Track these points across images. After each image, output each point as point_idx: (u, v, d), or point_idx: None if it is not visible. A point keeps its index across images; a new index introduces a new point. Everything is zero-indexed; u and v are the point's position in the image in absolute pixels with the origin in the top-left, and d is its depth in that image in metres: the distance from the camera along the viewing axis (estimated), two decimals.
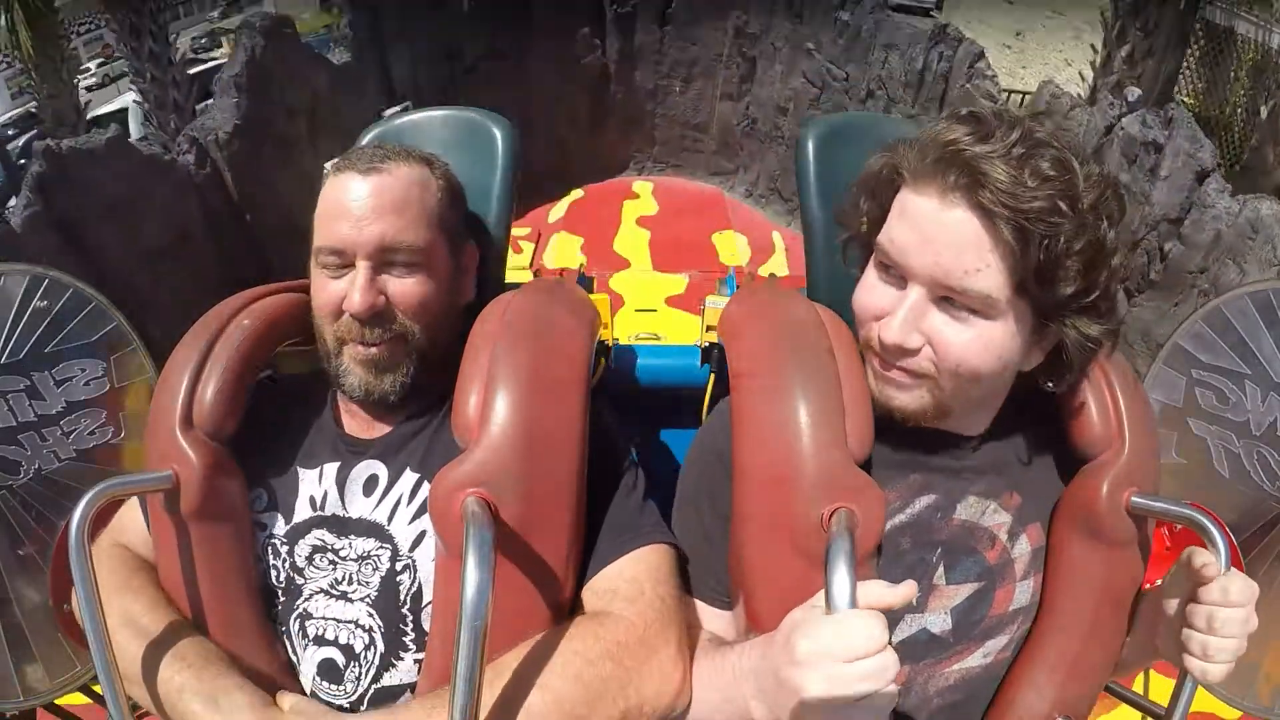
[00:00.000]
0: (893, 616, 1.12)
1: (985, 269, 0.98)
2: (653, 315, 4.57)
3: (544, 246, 5.92)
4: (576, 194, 6.87)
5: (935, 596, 1.18)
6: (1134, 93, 4.55)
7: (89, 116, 11.66)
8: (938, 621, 1.18)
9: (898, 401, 1.11)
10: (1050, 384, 1.13)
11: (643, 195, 6.82)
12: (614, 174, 7.75)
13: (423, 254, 1.24)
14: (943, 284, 1.00)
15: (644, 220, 6.37)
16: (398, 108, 5.15)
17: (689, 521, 1.26)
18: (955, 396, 1.09)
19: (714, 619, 1.22)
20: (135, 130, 11.55)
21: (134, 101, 11.55)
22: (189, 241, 4.78)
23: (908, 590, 0.94)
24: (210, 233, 4.95)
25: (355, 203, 1.20)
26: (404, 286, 1.23)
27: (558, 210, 6.59)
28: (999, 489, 1.20)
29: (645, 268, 5.58)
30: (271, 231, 5.29)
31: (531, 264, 5.61)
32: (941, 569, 1.18)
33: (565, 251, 5.83)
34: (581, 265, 2.97)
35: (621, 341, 4.27)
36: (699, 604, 1.23)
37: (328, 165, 1.29)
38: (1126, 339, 4.45)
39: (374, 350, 1.23)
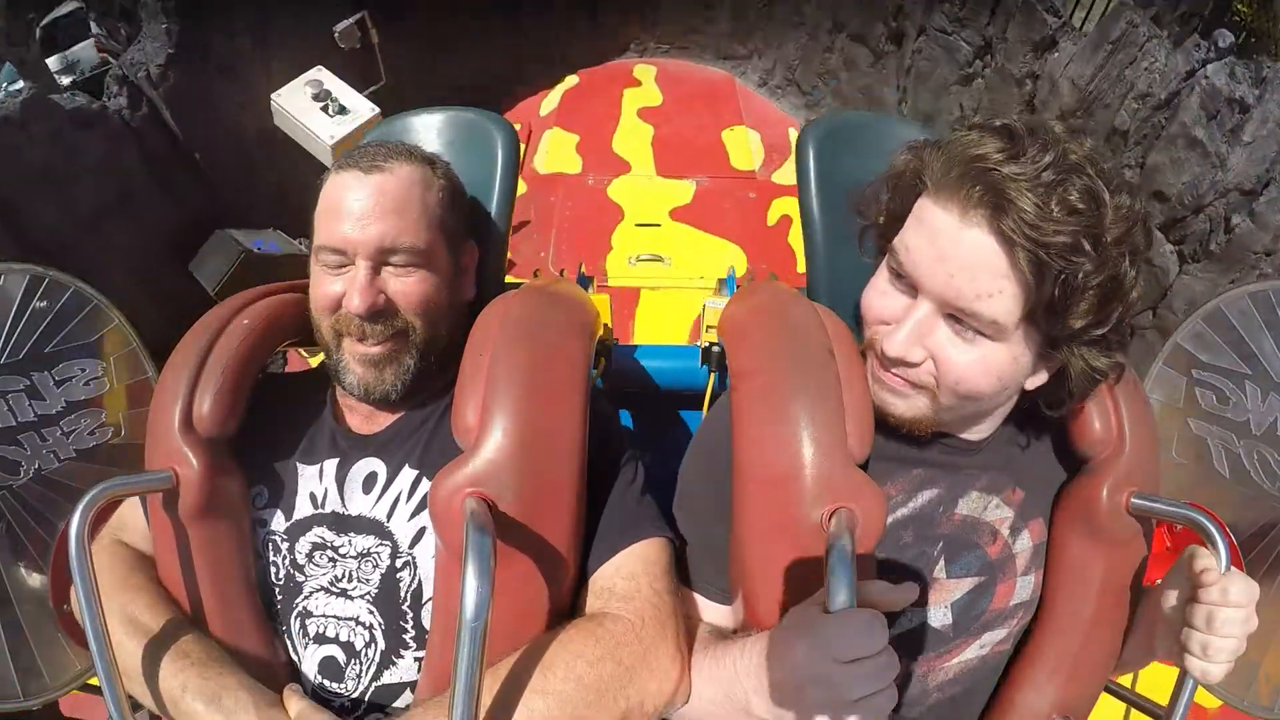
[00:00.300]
0: (893, 612, 1.14)
1: (998, 295, 0.97)
2: (656, 231, 4.38)
3: (535, 145, 5.55)
4: (571, 80, 6.45)
5: (936, 590, 1.19)
6: (1225, 37, 3.98)
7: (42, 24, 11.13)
8: (938, 615, 1.19)
9: (894, 409, 1.11)
10: (1049, 408, 1.14)
11: (645, 82, 6.43)
12: (613, 56, 7.00)
13: (423, 254, 1.25)
14: (953, 304, 1.00)
15: (646, 113, 5.99)
16: (351, 19, 4.80)
17: (689, 517, 1.26)
18: (952, 410, 1.09)
19: (713, 613, 1.22)
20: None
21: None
22: (132, 195, 4.37)
23: (908, 592, 0.95)
24: (156, 182, 4.50)
25: (356, 202, 1.21)
26: (404, 285, 1.24)
27: (550, 101, 6.16)
28: (1002, 485, 1.21)
29: (648, 172, 5.28)
30: (225, 169, 4.89)
31: (521, 166, 5.22)
32: (942, 563, 1.19)
33: (559, 151, 5.48)
34: (581, 264, 2.93)
35: (622, 265, 4.17)
36: (698, 598, 1.23)
37: (329, 157, 1.29)
38: (1171, 307, 4.14)
39: (375, 348, 1.24)
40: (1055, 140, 0.96)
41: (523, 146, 4.75)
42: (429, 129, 1.57)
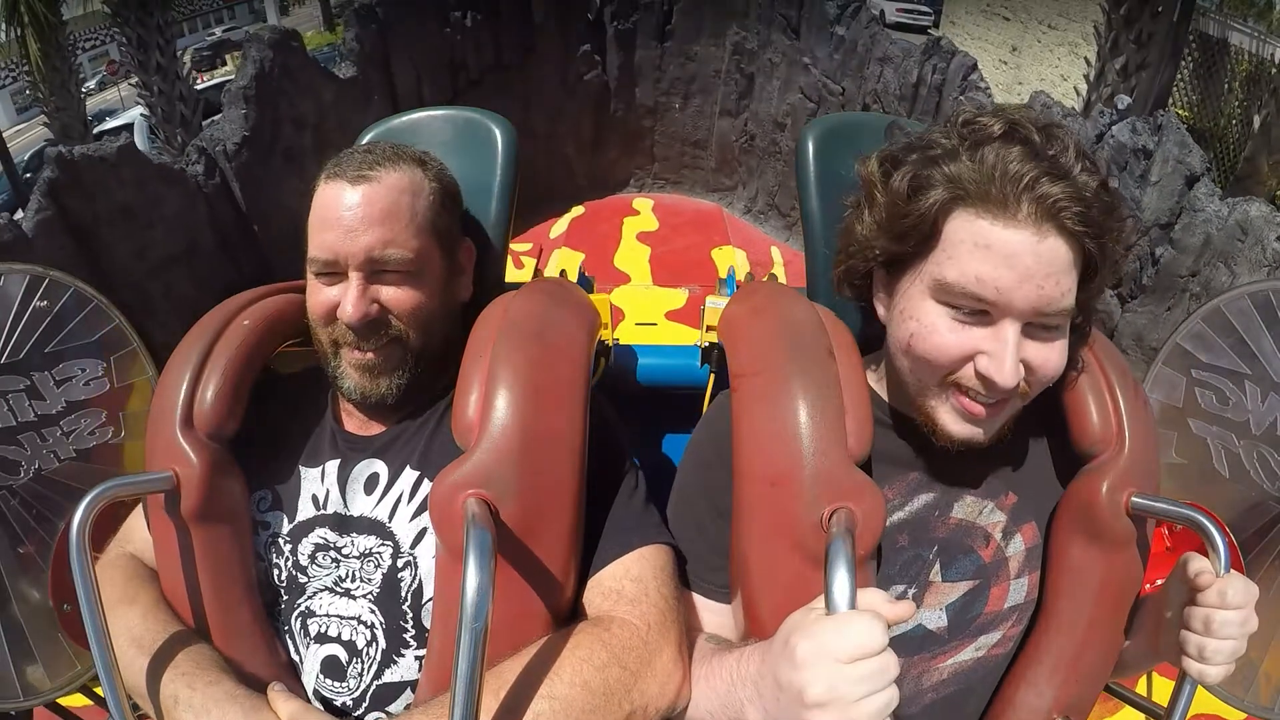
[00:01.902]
0: None
1: (1070, 286, 1.00)
2: (652, 329, 4.59)
3: (545, 261, 5.92)
4: (578, 210, 7.04)
5: (931, 593, 1.19)
6: (1124, 100, 4.46)
7: (95, 131, 11.70)
8: (933, 618, 1.19)
9: (976, 435, 1.10)
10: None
11: (643, 212, 7.02)
12: (615, 190, 7.88)
13: (413, 262, 1.24)
14: (1042, 312, 1.01)
15: (644, 236, 6.50)
16: None
17: (687, 514, 1.26)
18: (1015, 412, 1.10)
19: (711, 612, 1.23)
20: (141, 144, 11.62)
21: (140, 115, 11.57)
22: (197, 250, 4.78)
23: (905, 609, 0.95)
24: (218, 242, 4.96)
25: (345, 213, 1.20)
26: (396, 294, 1.24)
27: (559, 226, 6.70)
28: (996, 489, 1.21)
29: (645, 282, 5.64)
30: (277, 241, 5.33)
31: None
32: (938, 566, 1.19)
33: (566, 266, 5.80)
34: (581, 265, 2.97)
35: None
36: (696, 597, 1.24)
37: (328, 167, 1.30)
38: (1120, 345, 4.46)
39: (370, 356, 1.24)
40: (1047, 126, 1.02)
41: (534, 261, 5.26)
42: (429, 128, 1.57)
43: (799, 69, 7.06)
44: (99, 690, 1.02)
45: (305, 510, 1.26)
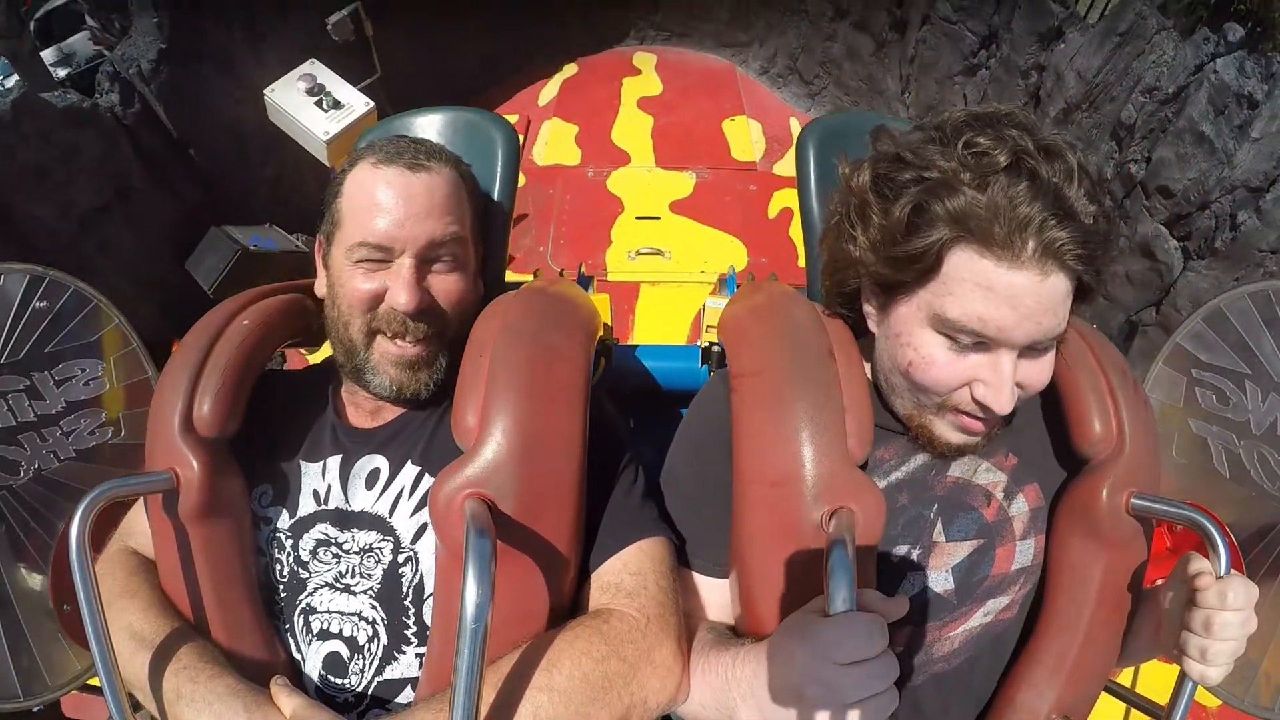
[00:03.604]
0: (895, 577, 1.15)
1: (1066, 314, 1.02)
2: (655, 224, 4.34)
3: (534, 136, 5.49)
4: (570, 69, 6.38)
5: (936, 554, 1.20)
6: (1235, 30, 3.87)
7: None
8: (940, 580, 1.19)
9: (971, 443, 1.14)
10: None
11: (645, 71, 6.37)
12: (612, 44, 6.94)
13: (463, 254, 1.28)
14: (1040, 342, 1.02)
15: (646, 103, 5.91)
16: (344, 11, 4.69)
17: (681, 494, 1.28)
18: None
19: (710, 589, 1.24)
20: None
21: None
22: (129, 193, 4.30)
23: (900, 605, 0.95)
24: (151, 180, 4.42)
25: (405, 199, 1.22)
26: (446, 283, 1.26)
27: (549, 90, 6.09)
28: (993, 450, 1.22)
29: (647, 163, 5.21)
30: (221, 164, 4.78)
31: (520, 158, 5.18)
32: (940, 525, 1.20)
33: (558, 142, 5.42)
34: (581, 264, 2.91)
35: (622, 259, 4.12)
36: (695, 576, 1.24)
37: (354, 147, 1.29)
38: (1175, 304, 4.11)
39: (411, 349, 1.26)
40: (1040, 143, 0.99)
41: (521, 137, 4.76)
42: (429, 129, 1.57)
43: None
44: (99, 689, 1.02)
45: (306, 505, 1.27)
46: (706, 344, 1.94)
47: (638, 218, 4.33)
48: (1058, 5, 4.64)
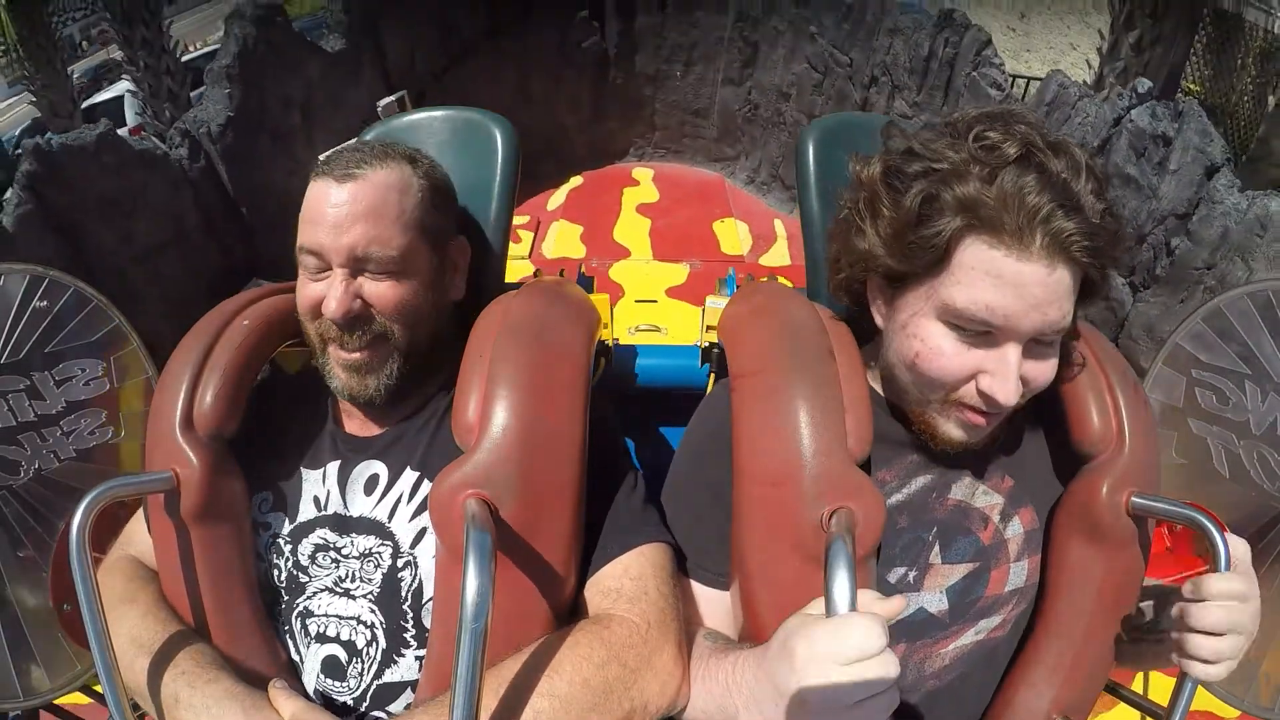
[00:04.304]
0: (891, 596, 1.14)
1: (1072, 308, 1.02)
2: (653, 306, 4.55)
3: (543, 235, 5.88)
4: (576, 181, 6.92)
5: (931, 576, 1.19)
6: (1144, 84, 4.44)
7: (85, 105, 11.53)
8: (934, 601, 1.19)
9: (974, 439, 1.13)
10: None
11: (643, 182, 6.89)
12: (614, 160, 7.75)
13: (397, 260, 1.23)
14: (1044, 334, 1.02)
15: (644, 208, 6.39)
16: (393, 97, 5.14)
17: (684, 503, 1.27)
18: None
19: (711, 600, 1.23)
20: (130, 119, 11.47)
21: (128, 91, 11.30)
22: (184, 236, 4.70)
23: (897, 604, 0.95)
24: (204, 227, 4.85)
25: (330, 210, 1.20)
26: (380, 290, 1.23)
27: (557, 198, 6.60)
28: (992, 472, 1.22)
29: (646, 257, 5.57)
30: (266, 225, 5.22)
31: (530, 253, 5.61)
32: (937, 548, 1.20)
33: (565, 240, 5.80)
34: (581, 264, 2.94)
35: (621, 335, 4.25)
36: (696, 586, 1.24)
37: (321, 158, 1.29)
38: (1130, 334, 4.43)
39: (355, 355, 1.24)
40: (1058, 145, 1.00)
41: (531, 235, 5.29)
42: (429, 129, 1.56)
43: (805, 38, 6.95)
44: (99, 689, 1.03)
45: (306, 511, 1.27)
46: (706, 344, 1.94)
47: (636, 301, 4.56)
48: (994, 90, 5.41)
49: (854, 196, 1.15)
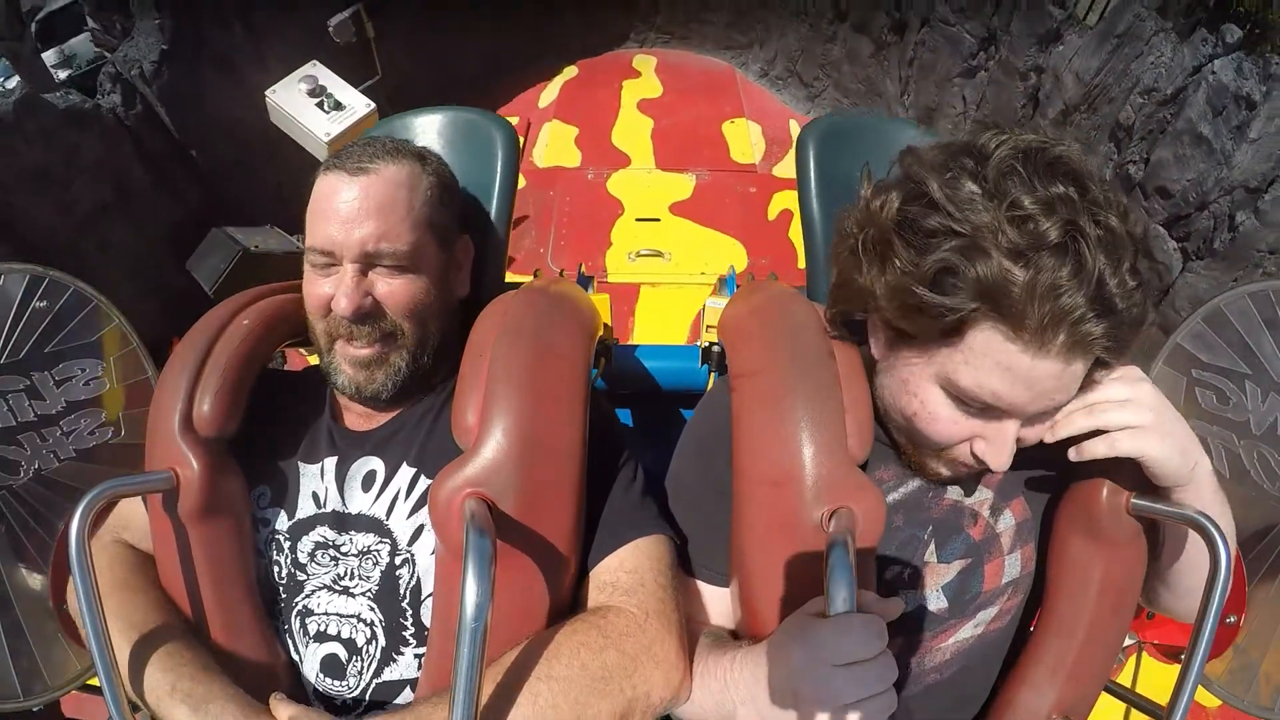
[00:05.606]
0: (887, 596, 1.15)
1: (1078, 386, 0.99)
2: (655, 226, 4.35)
3: (534, 139, 5.50)
4: (570, 72, 6.45)
5: (929, 574, 1.20)
6: (1233, 32, 3.86)
7: (38, 17, 10.71)
8: (933, 599, 1.20)
9: (960, 478, 1.15)
10: None
11: (645, 73, 6.41)
12: (612, 46, 7.03)
13: (409, 256, 1.24)
14: (1049, 414, 1.02)
15: (646, 105, 5.96)
16: (345, 13, 4.75)
17: (686, 501, 1.27)
18: None
19: (714, 598, 1.24)
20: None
21: None
22: (130, 195, 4.34)
23: (896, 605, 0.95)
24: (153, 180, 4.46)
25: (342, 205, 1.21)
26: (391, 286, 1.24)
27: (549, 92, 6.15)
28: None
29: (648, 165, 5.25)
30: (222, 166, 4.82)
31: (520, 160, 5.24)
32: (932, 547, 1.20)
33: (558, 145, 5.47)
34: (581, 264, 2.91)
35: (622, 261, 4.16)
36: (699, 584, 1.24)
37: (324, 161, 1.29)
38: (1173, 304, 4.10)
39: (364, 350, 1.25)
40: (1094, 203, 0.90)
41: (521, 139, 4.73)
42: (428, 129, 1.57)
43: None
44: (99, 689, 1.02)
45: (305, 508, 1.27)
46: (706, 344, 1.94)
47: (638, 219, 4.35)
48: (1056, 7, 4.66)
49: (862, 226, 1.05)
